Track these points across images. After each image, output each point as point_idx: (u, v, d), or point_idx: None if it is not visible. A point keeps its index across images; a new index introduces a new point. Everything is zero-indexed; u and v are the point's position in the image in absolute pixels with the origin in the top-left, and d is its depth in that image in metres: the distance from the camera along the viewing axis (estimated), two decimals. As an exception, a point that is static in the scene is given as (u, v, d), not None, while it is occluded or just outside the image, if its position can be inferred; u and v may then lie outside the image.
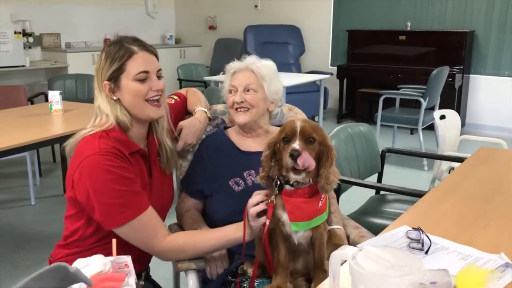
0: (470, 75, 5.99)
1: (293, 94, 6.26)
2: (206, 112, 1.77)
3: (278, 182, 1.25)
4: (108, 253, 1.40)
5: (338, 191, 2.10)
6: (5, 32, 5.86)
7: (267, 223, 1.27)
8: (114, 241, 1.02)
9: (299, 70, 6.93)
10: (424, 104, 4.35)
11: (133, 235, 1.36)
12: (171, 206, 1.64)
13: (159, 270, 1.89)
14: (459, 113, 5.74)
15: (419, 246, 1.25)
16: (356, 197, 2.51)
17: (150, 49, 1.44)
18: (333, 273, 0.92)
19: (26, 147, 2.44)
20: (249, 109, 1.65)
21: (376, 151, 2.43)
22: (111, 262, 1.00)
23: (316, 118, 5.84)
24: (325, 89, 6.64)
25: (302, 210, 1.23)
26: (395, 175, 4.08)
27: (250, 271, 1.41)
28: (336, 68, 6.63)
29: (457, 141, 2.97)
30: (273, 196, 1.26)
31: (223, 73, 1.77)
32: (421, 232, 1.30)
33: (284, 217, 1.25)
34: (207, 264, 1.50)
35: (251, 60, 1.69)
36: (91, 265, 0.96)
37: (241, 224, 1.37)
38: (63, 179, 3.81)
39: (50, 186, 4.02)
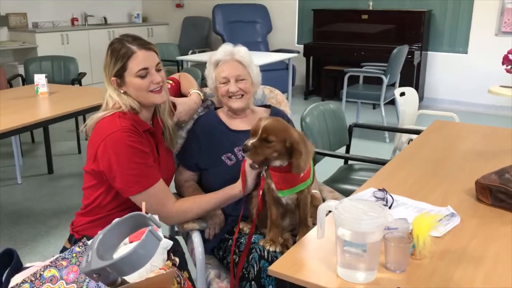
0: (428, 52, 6.38)
1: (262, 72, 6.50)
2: (200, 94, 2.00)
3: None
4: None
5: (313, 162, 2.38)
6: (-29, 13, 5.81)
7: (260, 192, 1.55)
8: (143, 204, 1.26)
9: (266, 48, 7.16)
10: (385, 81, 4.68)
11: (148, 201, 1.59)
12: (172, 178, 1.88)
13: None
14: (417, 88, 6.18)
15: (384, 203, 1.55)
16: (327, 167, 2.81)
17: (148, 47, 1.65)
18: (320, 222, 1.19)
19: (21, 129, 2.60)
20: (242, 95, 1.89)
21: (344, 126, 2.73)
22: (142, 220, 1.24)
23: (285, 95, 6.10)
24: (293, 67, 6.91)
25: (285, 181, 1.49)
26: (360, 147, 4.42)
27: (245, 228, 1.68)
28: (302, 46, 6.88)
29: (415, 115, 3.30)
30: (263, 171, 1.53)
31: (192, 53, 1.95)
32: (385, 192, 1.60)
33: (272, 185, 1.52)
34: (206, 226, 1.76)
35: (230, 49, 1.89)
36: (128, 223, 1.20)
37: (235, 185, 1.64)
38: (47, 159, 3.96)
39: (33, 166, 4.16)
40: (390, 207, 1.54)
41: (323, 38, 6.73)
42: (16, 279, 1.11)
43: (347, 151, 2.80)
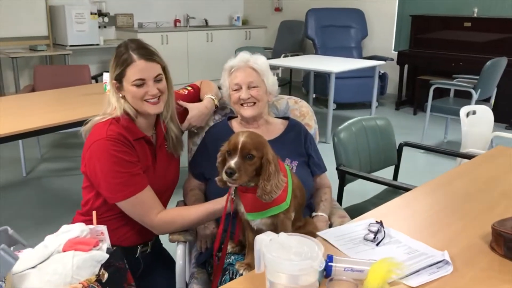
0: (540, 66, 5.66)
1: (351, 78, 6.27)
2: (213, 99, 1.95)
3: None
4: (114, 224, 1.67)
5: (343, 182, 2.21)
6: (82, 13, 6.35)
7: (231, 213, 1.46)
8: (94, 212, 1.24)
9: (359, 55, 6.88)
10: (475, 96, 4.24)
11: (131, 209, 1.59)
12: (176, 185, 1.85)
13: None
14: (522, 105, 5.51)
15: (372, 237, 1.37)
16: (371, 188, 2.59)
17: (150, 58, 1.61)
18: (257, 254, 1.08)
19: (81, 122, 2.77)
20: (254, 103, 1.80)
21: (393, 145, 2.49)
22: (90, 229, 1.22)
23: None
24: (385, 75, 6.57)
25: (254, 203, 1.37)
26: (431, 168, 4.07)
27: (229, 248, 1.60)
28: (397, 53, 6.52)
29: (489, 137, 2.92)
30: (233, 193, 1.43)
31: (284, 56, 1.87)
32: (381, 226, 1.42)
33: (242, 208, 1.42)
34: (198, 240, 1.71)
35: (246, 57, 1.81)
36: (72, 231, 1.19)
37: (219, 199, 1.56)
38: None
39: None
40: (378, 244, 1.36)
41: (420, 45, 6.31)
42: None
43: (396, 172, 2.56)
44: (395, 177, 2.56)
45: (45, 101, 3.24)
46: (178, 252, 1.62)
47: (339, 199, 2.22)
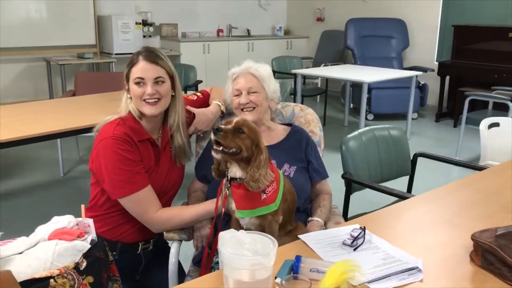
0: None
1: (390, 89, 6.19)
2: (220, 105, 2.02)
3: (229, 177, 1.47)
4: (117, 220, 1.77)
5: (349, 190, 2.22)
6: (127, 23, 6.64)
7: (222, 210, 1.51)
8: (82, 206, 1.33)
9: (400, 65, 6.79)
10: (512, 108, 4.10)
11: (131, 206, 1.68)
12: (179, 187, 1.93)
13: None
14: None
15: (350, 242, 1.39)
16: (385, 198, 2.57)
17: (152, 60, 1.72)
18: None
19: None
20: (254, 108, 1.86)
21: (406, 155, 2.47)
22: (78, 222, 1.31)
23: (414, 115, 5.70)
24: (425, 86, 6.44)
25: (245, 200, 1.42)
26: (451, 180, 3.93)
27: (219, 247, 1.65)
28: (437, 64, 6.38)
29: (515, 150, 2.83)
30: (226, 190, 1.49)
31: (324, 65, 1.93)
32: (363, 231, 1.43)
33: (233, 205, 1.47)
34: (194, 239, 1.78)
35: (249, 64, 1.88)
36: (60, 222, 1.28)
37: (214, 200, 1.62)
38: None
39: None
40: (355, 249, 1.37)
41: (462, 56, 6.15)
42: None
43: (410, 183, 2.53)
44: (410, 187, 2.53)
45: (81, 105, 3.43)
46: (172, 250, 1.70)
47: (345, 207, 2.23)
